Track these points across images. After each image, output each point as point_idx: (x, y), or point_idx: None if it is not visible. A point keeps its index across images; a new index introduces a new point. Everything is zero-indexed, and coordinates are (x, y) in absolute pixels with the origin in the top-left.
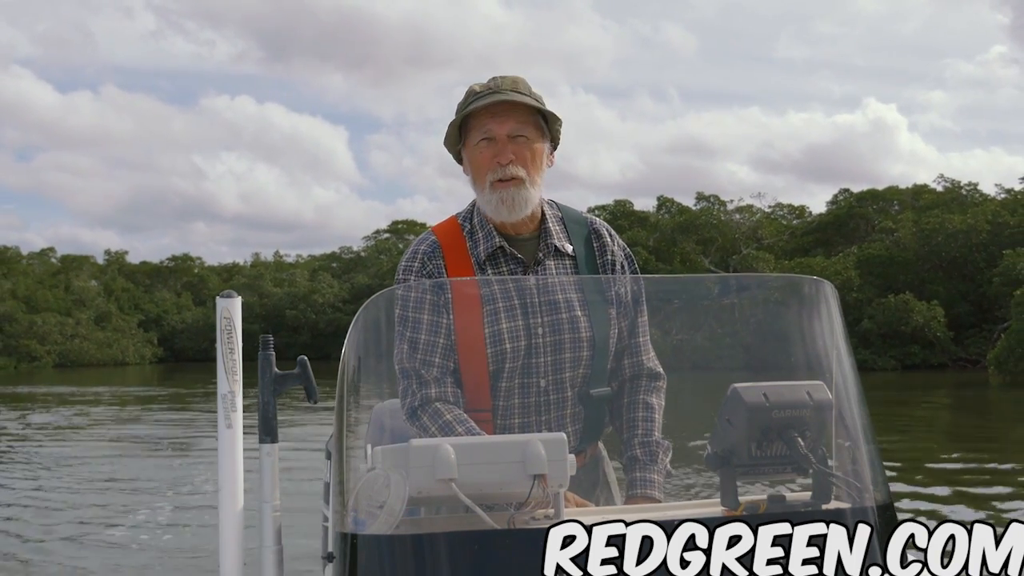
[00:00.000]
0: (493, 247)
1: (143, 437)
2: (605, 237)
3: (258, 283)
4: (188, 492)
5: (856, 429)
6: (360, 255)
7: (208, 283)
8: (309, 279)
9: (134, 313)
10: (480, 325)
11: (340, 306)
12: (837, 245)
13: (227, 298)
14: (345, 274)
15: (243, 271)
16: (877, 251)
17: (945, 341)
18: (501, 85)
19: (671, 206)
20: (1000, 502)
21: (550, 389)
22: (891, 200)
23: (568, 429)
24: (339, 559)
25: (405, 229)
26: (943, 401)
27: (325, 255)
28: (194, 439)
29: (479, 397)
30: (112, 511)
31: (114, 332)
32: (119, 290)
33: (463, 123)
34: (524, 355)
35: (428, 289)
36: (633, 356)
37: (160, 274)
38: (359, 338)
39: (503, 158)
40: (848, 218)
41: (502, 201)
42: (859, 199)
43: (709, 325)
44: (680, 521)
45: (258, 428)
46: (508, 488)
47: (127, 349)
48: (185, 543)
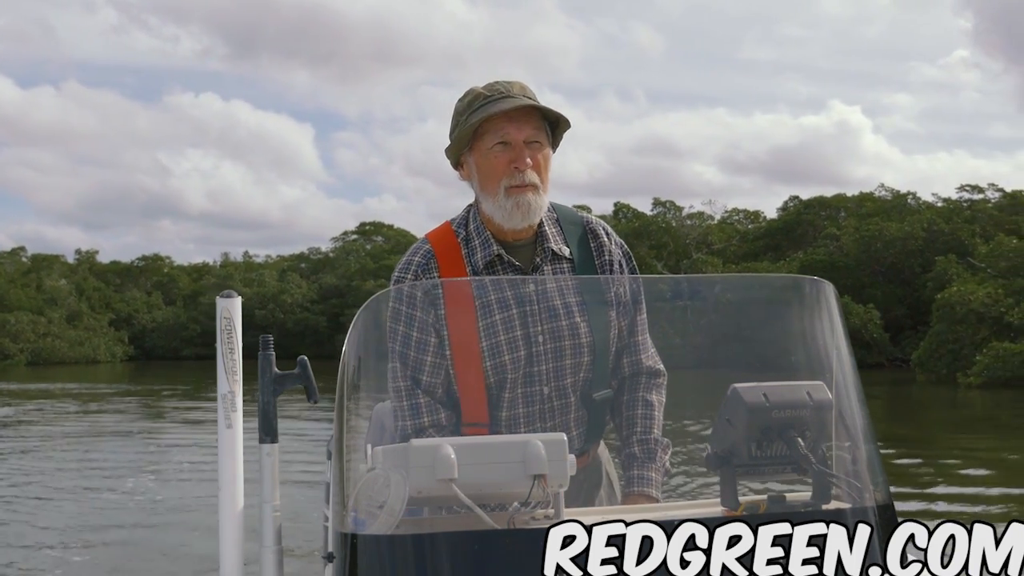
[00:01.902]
0: (491, 255)
1: (112, 427)
2: (602, 237)
3: (228, 283)
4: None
5: (856, 429)
6: (328, 256)
7: (178, 283)
8: (278, 279)
9: (105, 312)
10: (476, 337)
11: (308, 306)
12: (786, 250)
13: (227, 298)
14: (313, 275)
15: (213, 271)
16: (820, 256)
17: (882, 342)
18: (511, 90)
19: (627, 211)
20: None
21: (553, 396)
22: (838, 207)
23: (572, 433)
24: (339, 559)
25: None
26: (874, 394)
27: (293, 256)
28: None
29: (477, 409)
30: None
31: (85, 331)
32: (90, 289)
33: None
34: (525, 364)
35: (418, 304)
36: (632, 355)
37: (130, 273)
38: (359, 338)
39: (522, 163)
40: (796, 224)
41: (518, 207)
42: (807, 206)
43: (709, 325)
44: (680, 521)
45: (258, 428)
46: (508, 488)
47: (98, 347)
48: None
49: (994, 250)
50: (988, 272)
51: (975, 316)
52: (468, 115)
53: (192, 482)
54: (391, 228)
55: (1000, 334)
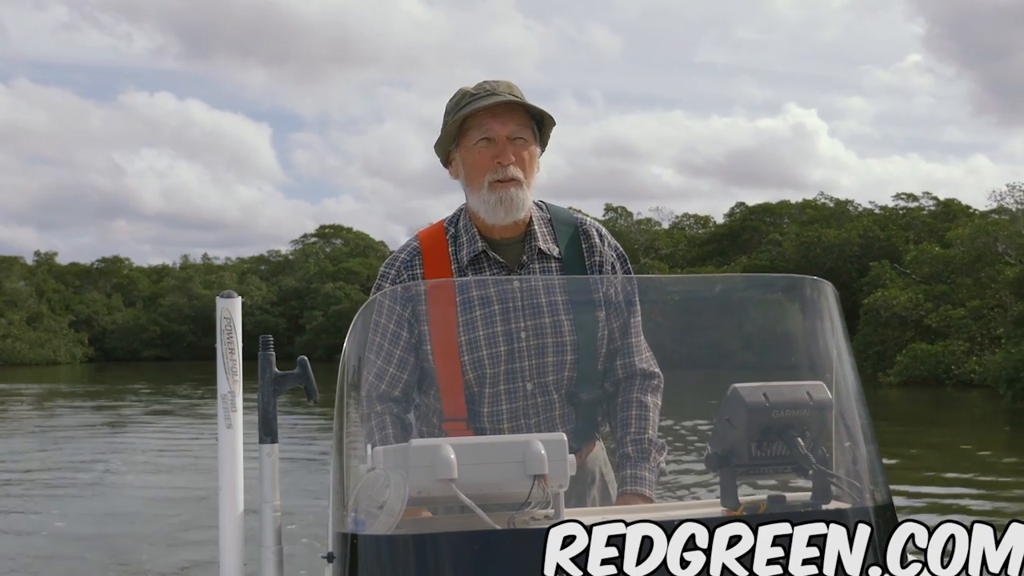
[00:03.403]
0: (475, 252)
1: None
2: (594, 238)
3: (188, 285)
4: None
5: (856, 429)
6: (288, 258)
7: (138, 285)
8: (238, 281)
9: (65, 314)
10: (455, 333)
11: (268, 308)
12: (732, 255)
13: (227, 298)
14: (273, 277)
15: (173, 273)
16: (763, 261)
17: None
18: (497, 88)
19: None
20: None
21: (536, 393)
22: (782, 214)
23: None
24: (339, 559)
25: (332, 233)
26: None
27: (253, 258)
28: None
29: (456, 404)
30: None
31: (46, 332)
32: (50, 291)
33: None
34: (506, 360)
35: (385, 311)
36: (625, 357)
37: (90, 275)
38: (359, 339)
39: (504, 159)
40: (742, 230)
41: (500, 202)
42: (752, 212)
43: (709, 325)
44: (680, 521)
45: (258, 428)
46: (508, 488)
47: (59, 349)
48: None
49: (917, 257)
50: (913, 278)
51: (898, 320)
52: (455, 112)
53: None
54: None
55: (921, 336)
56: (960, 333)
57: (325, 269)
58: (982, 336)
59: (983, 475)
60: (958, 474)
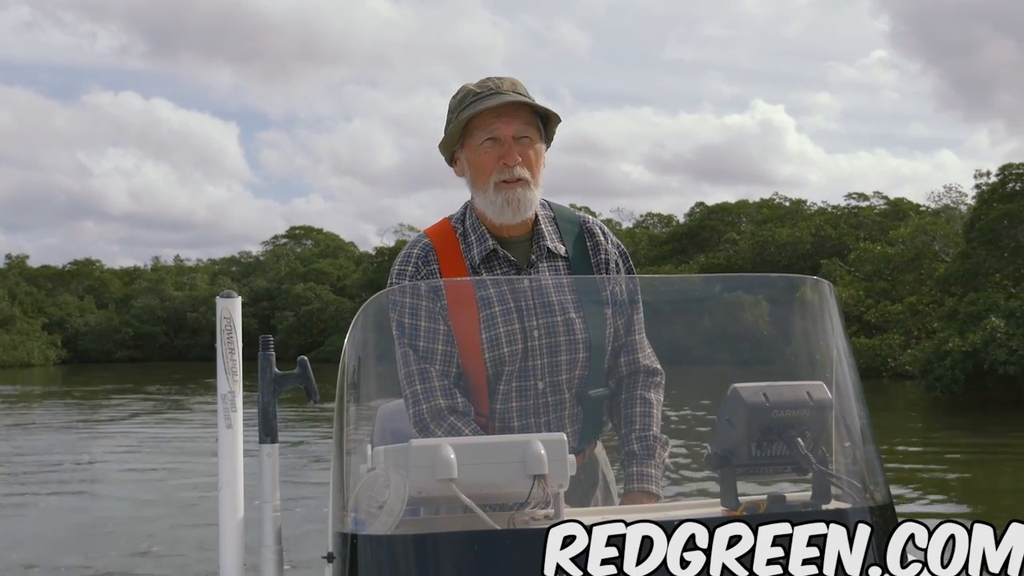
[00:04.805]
0: (487, 250)
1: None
2: (598, 236)
3: (159, 287)
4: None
5: (856, 429)
6: (258, 259)
7: (110, 287)
8: (209, 283)
9: (37, 316)
10: (477, 329)
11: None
12: (691, 254)
13: (227, 298)
14: (244, 278)
15: (144, 275)
16: (719, 260)
17: None
18: (501, 86)
19: None
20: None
21: (548, 391)
22: (739, 214)
23: (567, 430)
24: (339, 559)
25: (303, 234)
26: None
27: (224, 259)
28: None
29: (478, 401)
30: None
31: (19, 335)
32: (22, 294)
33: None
34: (521, 358)
35: (423, 295)
36: (629, 354)
37: (62, 278)
38: (359, 339)
39: (510, 159)
40: (701, 229)
41: (507, 202)
42: (711, 212)
43: (709, 325)
44: (680, 521)
45: (258, 428)
46: (508, 488)
47: (32, 351)
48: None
49: (860, 256)
50: (856, 275)
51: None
52: (459, 112)
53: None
54: (320, 232)
55: (862, 331)
56: (897, 328)
57: (296, 270)
58: (918, 330)
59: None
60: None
